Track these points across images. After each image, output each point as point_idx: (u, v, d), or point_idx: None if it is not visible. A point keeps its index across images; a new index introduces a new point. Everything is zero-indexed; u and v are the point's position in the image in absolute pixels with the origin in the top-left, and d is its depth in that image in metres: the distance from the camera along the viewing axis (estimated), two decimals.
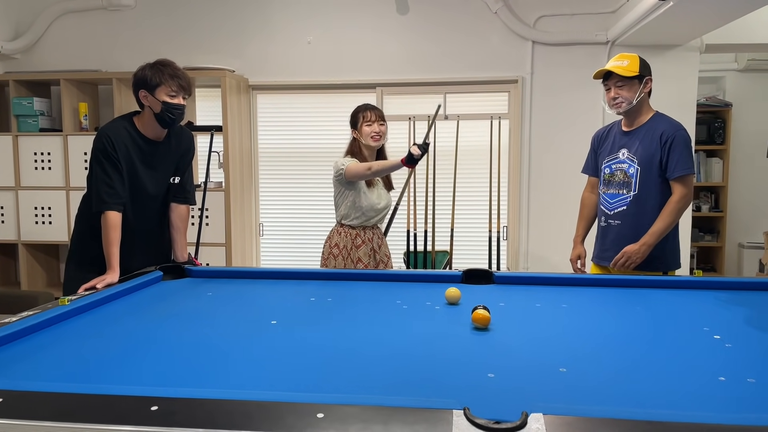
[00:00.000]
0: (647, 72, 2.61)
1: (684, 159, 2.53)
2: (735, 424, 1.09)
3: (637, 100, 2.59)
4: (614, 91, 2.60)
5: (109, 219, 2.39)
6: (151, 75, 2.43)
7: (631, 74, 2.55)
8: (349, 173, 2.91)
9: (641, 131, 2.64)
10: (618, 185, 2.68)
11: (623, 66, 2.56)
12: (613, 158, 2.71)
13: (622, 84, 2.57)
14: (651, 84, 2.63)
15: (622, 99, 2.59)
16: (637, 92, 2.58)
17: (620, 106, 2.60)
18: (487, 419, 1.08)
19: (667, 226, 2.51)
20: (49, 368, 1.45)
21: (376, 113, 3.00)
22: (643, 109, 2.66)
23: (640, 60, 2.60)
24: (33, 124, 4.50)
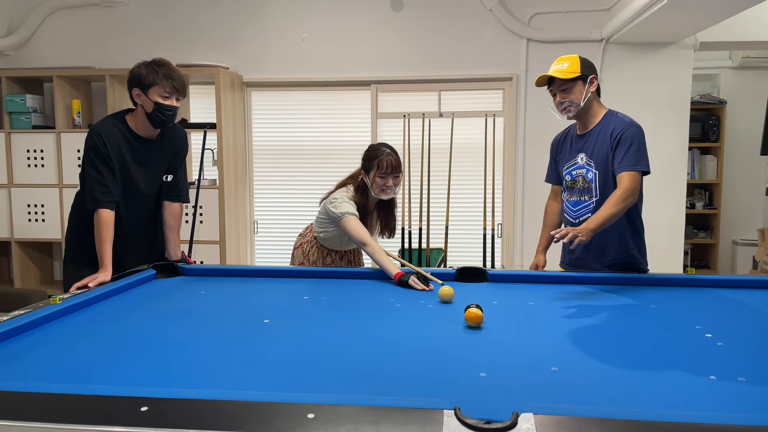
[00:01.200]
0: (590, 71, 2.49)
1: (629, 155, 2.38)
2: (725, 423, 1.09)
3: (584, 101, 2.47)
4: (560, 96, 2.49)
5: (102, 217, 2.38)
6: (145, 74, 2.41)
7: (573, 75, 2.44)
8: (343, 227, 2.60)
9: (595, 133, 2.52)
10: (579, 192, 2.56)
11: (563, 69, 2.46)
12: (572, 164, 2.59)
13: (566, 87, 2.47)
14: (597, 81, 2.51)
15: (569, 103, 2.48)
16: (583, 93, 2.46)
17: (569, 111, 2.50)
18: (477, 419, 1.08)
19: (611, 214, 2.28)
20: (39, 368, 1.44)
21: (394, 166, 2.63)
22: (593, 109, 2.53)
23: (580, 60, 2.48)
24: (26, 121, 4.48)
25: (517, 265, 4.57)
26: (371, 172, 2.65)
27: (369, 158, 2.67)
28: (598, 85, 2.54)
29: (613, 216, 2.30)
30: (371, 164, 2.64)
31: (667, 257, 4.43)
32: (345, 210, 2.60)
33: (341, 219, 2.59)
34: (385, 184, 2.64)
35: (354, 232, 2.56)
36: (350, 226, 2.57)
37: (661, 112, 4.41)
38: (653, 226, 4.31)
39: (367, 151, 2.72)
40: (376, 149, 2.68)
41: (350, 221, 2.57)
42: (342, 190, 2.72)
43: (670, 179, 4.45)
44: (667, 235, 4.45)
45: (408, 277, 2.29)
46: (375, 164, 2.63)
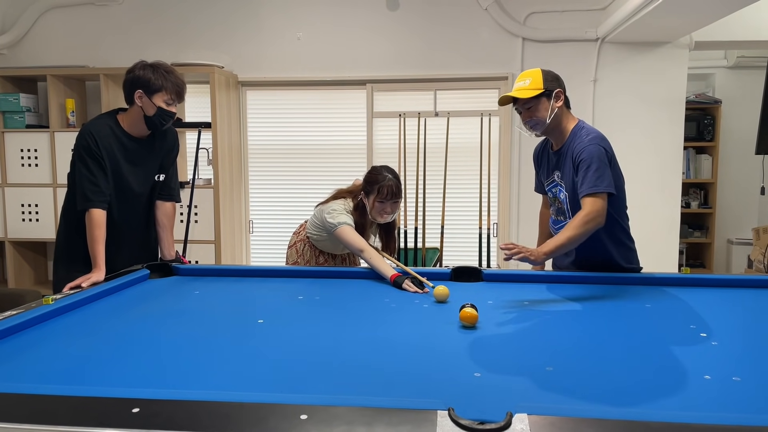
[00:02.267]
0: (554, 84, 2.33)
1: (589, 177, 2.23)
2: (720, 423, 1.09)
3: (550, 118, 2.33)
4: (525, 114, 2.36)
5: (94, 217, 2.37)
6: (154, 78, 2.40)
7: (535, 92, 2.29)
8: (339, 237, 2.60)
9: (565, 151, 2.39)
10: (557, 211, 2.50)
11: (526, 86, 2.32)
12: (550, 181, 2.51)
13: (530, 105, 2.33)
14: (564, 95, 2.36)
15: (535, 121, 2.34)
16: (548, 109, 2.32)
17: (536, 129, 2.38)
18: (471, 420, 1.08)
19: (569, 237, 2.16)
20: (30, 369, 1.43)
21: (394, 193, 2.61)
22: (563, 124, 2.38)
23: (543, 74, 2.33)
24: (19, 121, 4.45)
25: (512, 265, 4.57)
26: (371, 196, 2.64)
27: (370, 182, 2.66)
28: (566, 98, 2.39)
29: (570, 240, 2.17)
30: (372, 188, 2.64)
31: (662, 256, 4.44)
32: (341, 220, 2.60)
33: (337, 228, 2.59)
34: (383, 209, 2.64)
35: (350, 240, 2.56)
36: (346, 235, 2.57)
37: (657, 111, 4.42)
38: (648, 225, 4.33)
39: (370, 173, 2.71)
40: (378, 174, 2.66)
41: (345, 231, 2.57)
42: (340, 201, 2.72)
43: (665, 178, 4.46)
44: (663, 235, 4.46)
45: (403, 279, 2.29)
46: (376, 189, 2.62)
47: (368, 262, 2.48)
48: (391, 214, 2.68)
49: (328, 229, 2.64)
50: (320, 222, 2.72)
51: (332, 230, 2.61)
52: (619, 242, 2.47)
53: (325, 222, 2.66)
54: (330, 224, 2.62)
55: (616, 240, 2.45)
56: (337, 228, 2.59)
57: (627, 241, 2.50)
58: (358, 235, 2.59)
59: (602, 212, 2.22)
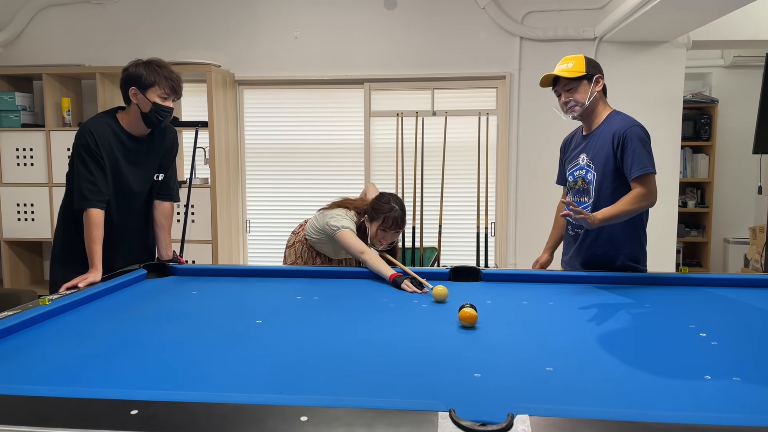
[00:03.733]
0: (596, 70, 2.45)
1: (639, 157, 2.34)
2: (721, 424, 1.09)
3: (589, 101, 2.43)
4: (565, 96, 2.45)
5: (92, 216, 2.36)
6: (146, 74, 2.39)
7: (578, 75, 2.41)
8: (339, 240, 2.60)
9: (597, 133, 2.47)
10: (578, 193, 2.55)
11: (569, 68, 2.42)
12: (574, 165, 2.57)
13: (571, 87, 2.43)
14: (603, 81, 2.47)
15: (574, 102, 2.43)
16: (588, 93, 2.43)
17: (574, 110, 2.45)
18: (472, 421, 1.07)
19: (622, 210, 2.28)
20: (27, 370, 1.42)
21: (398, 224, 2.65)
22: (599, 109, 2.48)
23: (585, 59, 2.44)
24: (15, 120, 4.43)
25: (510, 264, 4.57)
26: (375, 222, 2.66)
27: (376, 210, 2.67)
28: (604, 85, 2.49)
29: (625, 213, 2.30)
30: (377, 216, 2.65)
31: (660, 255, 4.44)
32: (343, 224, 2.61)
33: (338, 231, 2.59)
34: (384, 237, 2.66)
35: (350, 243, 2.56)
36: (346, 238, 2.57)
37: (654, 110, 4.42)
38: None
39: (377, 200, 2.71)
40: (386, 203, 2.66)
41: (346, 234, 2.58)
42: (343, 210, 2.73)
43: (662, 178, 4.38)
44: (660, 234, 4.46)
45: (402, 279, 2.29)
46: (381, 218, 2.64)
47: (368, 265, 2.48)
48: (391, 241, 2.70)
49: (329, 233, 2.64)
50: (321, 226, 2.72)
51: (333, 233, 2.61)
52: (633, 236, 2.50)
53: (326, 226, 2.66)
54: (332, 227, 2.62)
55: (632, 232, 2.49)
56: (339, 231, 2.59)
57: (641, 236, 2.54)
58: (358, 238, 2.59)
59: (655, 192, 2.36)
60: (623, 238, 2.48)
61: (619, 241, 2.48)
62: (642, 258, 2.55)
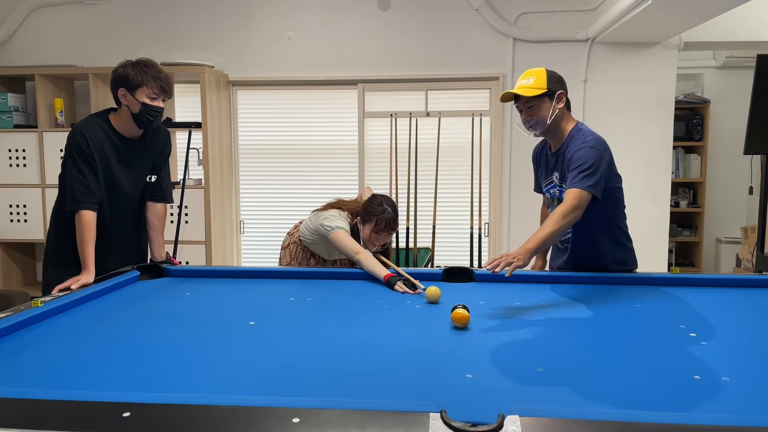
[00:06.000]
0: (558, 86, 2.31)
1: (576, 175, 2.22)
2: (709, 424, 1.10)
3: (551, 118, 2.31)
4: (525, 114, 2.33)
5: (84, 218, 2.35)
6: (133, 75, 2.38)
7: (538, 92, 2.27)
8: (333, 240, 2.61)
9: (562, 152, 2.38)
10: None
11: (529, 85, 2.29)
12: (549, 182, 2.50)
13: (532, 104, 2.30)
14: (566, 97, 2.34)
15: (534, 121, 2.32)
16: (550, 110, 2.30)
17: (535, 128, 2.35)
18: (463, 422, 1.08)
19: (550, 233, 2.13)
20: (19, 373, 1.42)
21: (391, 226, 2.65)
22: (563, 125, 2.36)
23: (547, 74, 2.30)
24: (7, 120, 4.41)
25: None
26: (367, 224, 2.66)
27: (368, 212, 2.66)
28: (568, 100, 2.38)
29: (553, 234, 2.14)
30: (369, 218, 2.65)
31: (652, 255, 4.47)
32: (337, 225, 2.61)
33: (332, 232, 2.60)
34: (377, 239, 2.67)
35: (344, 244, 2.57)
36: (340, 239, 2.58)
37: (646, 111, 4.45)
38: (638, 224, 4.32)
39: (369, 202, 2.70)
40: (378, 205, 2.66)
41: (341, 234, 2.58)
42: (336, 211, 2.73)
43: (654, 178, 4.49)
44: (652, 234, 4.49)
45: (396, 280, 2.29)
46: (374, 220, 2.64)
47: (362, 265, 2.48)
48: (384, 243, 2.70)
49: (323, 233, 2.64)
50: (315, 227, 2.72)
51: (327, 234, 2.61)
52: (618, 243, 2.49)
53: (320, 226, 2.66)
54: (326, 228, 2.62)
55: (615, 240, 2.48)
56: (333, 231, 2.60)
57: (625, 241, 2.52)
58: (352, 239, 2.59)
59: (581, 208, 2.19)
60: (609, 246, 2.47)
61: (605, 250, 2.46)
62: (631, 259, 2.55)
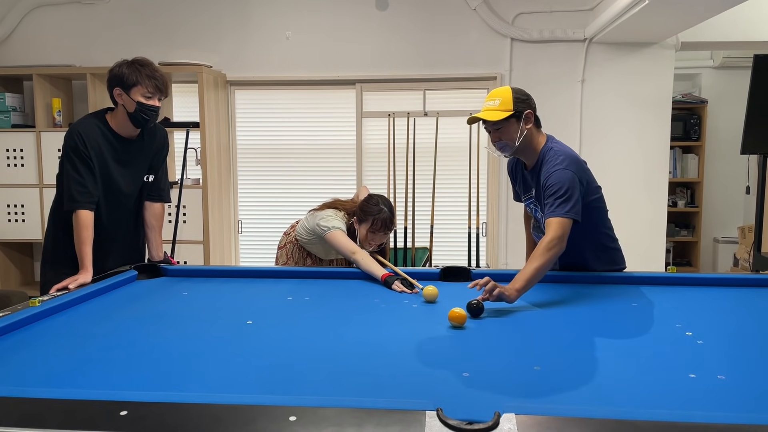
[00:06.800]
0: (524, 106, 2.25)
1: (554, 202, 2.18)
2: (705, 422, 1.10)
3: (519, 140, 2.26)
4: (493, 135, 2.29)
5: (81, 218, 2.35)
6: (128, 74, 2.38)
7: (504, 115, 2.21)
8: (330, 240, 2.61)
9: (537, 172, 2.33)
10: (535, 228, 2.51)
11: (495, 107, 2.23)
12: (528, 197, 2.47)
13: (499, 127, 2.25)
14: (534, 115, 2.28)
15: (503, 143, 2.28)
16: (518, 132, 2.25)
17: (505, 150, 2.31)
18: (459, 420, 1.08)
19: (536, 268, 2.08)
20: (17, 372, 1.42)
21: (387, 226, 2.64)
22: (533, 144, 2.31)
23: (513, 95, 2.24)
24: (5, 120, 4.41)
25: (502, 264, 4.59)
26: (363, 224, 2.66)
27: (365, 212, 2.66)
28: (537, 117, 2.31)
29: (538, 269, 2.09)
30: (366, 218, 2.65)
31: (649, 255, 4.48)
32: (334, 225, 2.62)
33: (328, 232, 2.60)
34: (373, 239, 2.66)
35: (341, 244, 2.57)
36: (337, 239, 2.58)
37: (644, 111, 4.45)
38: (635, 224, 4.37)
39: (365, 202, 2.69)
40: (374, 205, 2.66)
41: (337, 234, 2.59)
42: (333, 211, 2.73)
43: (652, 178, 4.50)
44: (649, 233, 4.50)
45: (393, 280, 2.30)
46: (370, 220, 2.64)
47: (360, 265, 2.49)
48: (380, 243, 2.70)
49: (320, 233, 2.65)
50: (311, 227, 2.72)
51: (324, 233, 2.62)
52: (603, 247, 2.48)
53: (317, 226, 2.66)
54: (322, 228, 2.63)
55: (600, 246, 2.47)
56: (329, 231, 2.60)
57: (611, 243, 2.51)
58: (349, 239, 2.60)
59: (564, 237, 2.15)
60: (596, 253, 2.45)
61: (587, 254, 2.44)
62: (619, 258, 2.53)
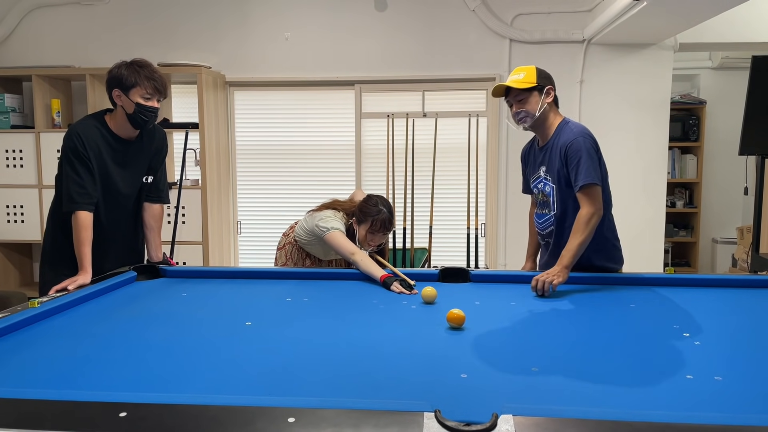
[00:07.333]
0: (547, 81, 2.45)
1: (582, 169, 2.34)
2: (702, 423, 1.11)
3: (539, 111, 2.44)
4: (516, 106, 2.46)
5: (80, 219, 2.36)
6: (126, 75, 2.38)
7: (529, 85, 2.41)
8: (329, 241, 2.61)
9: (550, 146, 2.49)
10: (541, 205, 2.60)
11: (520, 79, 2.42)
12: (536, 177, 2.60)
13: (522, 98, 2.43)
14: (554, 93, 2.47)
15: (525, 113, 2.44)
16: (539, 104, 2.43)
17: (525, 121, 2.47)
18: (457, 421, 1.09)
19: (579, 242, 2.30)
20: (16, 373, 1.43)
21: (386, 227, 2.66)
22: (550, 120, 2.49)
23: (537, 70, 2.45)
24: (4, 121, 4.41)
25: (500, 265, 4.60)
26: (362, 225, 2.67)
27: (364, 212, 2.67)
28: (556, 96, 2.49)
29: (583, 243, 2.31)
30: (365, 218, 2.66)
31: (648, 256, 4.49)
32: (333, 225, 2.62)
33: (327, 233, 2.60)
34: (372, 240, 2.67)
35: (340, 245, 2.57)
36: (336, 239, 2.59)
37: (642, 112, 4.46)
38: (634, 224, 4.37)
39: (364, 203, 2.71)
40: (373, 205, 2.67)
41: (336, 235, 2.59)
42: (332, 211, 2.74)
43: (650, 178, 4.50)
44: (648, 234, 4.50)
45: (392, 281, 2.30)
46: (369, 220, 2.64)
47: (359, 266, 2.49)
48: (379, 243, 2.71)
49: (319, 234, 2.65)
50: (310, 227, 2.73)
51: (323, 234, 2.62)
52: (604, 239, 2.51)
53: (315, 227, 2.67)
54: (321, 228, 2.63)
55: (601, 237, 2.48)
56: (328, 232, 2.60)
57: (612, 239, 2.55)
58: (348, 239, 2.60)
59: (599, 205, 2.36)
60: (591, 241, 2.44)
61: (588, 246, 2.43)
62: (617, 257, 2.58)
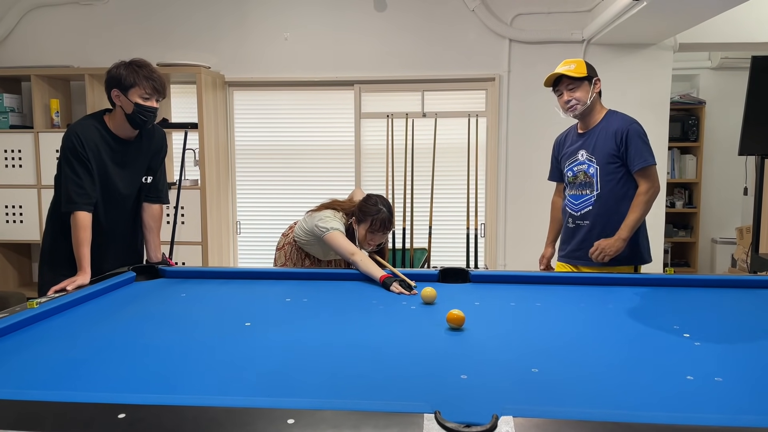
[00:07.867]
0: (594, 73, 2.67)
1: (640, 151, 2.59)
2: (702, 424, 1.10)
3: (590, 100, 2.65)
4: (567, 95, 2.65)
5: (79, 219, 2.35)
6: (125, 75, 2.38)
7: (581, 75, 2.61)
8: (328, 242, 2.61)
9: (596, 131, 2.70)
10: (581, 186, 2.74)
11: (572, 69, 2.62)
12: (573, 161, 2.77)
13: (574, 87, 2.63)
14: (600, 84, 2.69)
15: (576, 101, 2.64)
16: (589, 93, 2.64)
17: (575, 109, 2.65)
18: (457, 423, 1.08)
19: (638, 217, 2.58)
20: (14, 374, 1.42)
21: (386, 226, 2.66)
22: (596, 109, 2.71)
23: (586, 63, 2.66)
24: (3, 121, 4.40)
25: (500, 265, 4.60)
26: (362, 224, 2.67)
27: (364, 212, 2.67)
28: (600, 88, 2.70)
29: (641, 216, 2.59)
30: (365, 218, 2.66)
31: None
32: (332, 226, 2.62)
33: (327, 233, 2.60)
34: (372, 239, 2.67)
35: (340, 245, 2.57)
36: (336, 240, 2.58)
37: (642, 112, 4.42)
38: None
39: (364, 202, 2.71)
40: (373, 205, 2.67)
41: (336, 236, 2.59)
42: (331, 211, 2.73)
43: None
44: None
45: (392, 281, 2.30)
46: (369, 220, 2.65)
47: (358, 266, 2.49)
48: (379, 243, 2.71)
49: (318, 234, 2.65)
50: (309, 228, 2.72)
51: (322, 235, 2.62)
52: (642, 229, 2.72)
53: (315, 227, 2.67)
54: (321, 229, 2.63)
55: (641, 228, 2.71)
56: (328, 232, 2.60)
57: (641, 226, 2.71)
58: (347, 240, 2.60)
59: (657, 181, 2.62)
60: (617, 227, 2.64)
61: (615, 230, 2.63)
62: (646, 246, 2.76)
